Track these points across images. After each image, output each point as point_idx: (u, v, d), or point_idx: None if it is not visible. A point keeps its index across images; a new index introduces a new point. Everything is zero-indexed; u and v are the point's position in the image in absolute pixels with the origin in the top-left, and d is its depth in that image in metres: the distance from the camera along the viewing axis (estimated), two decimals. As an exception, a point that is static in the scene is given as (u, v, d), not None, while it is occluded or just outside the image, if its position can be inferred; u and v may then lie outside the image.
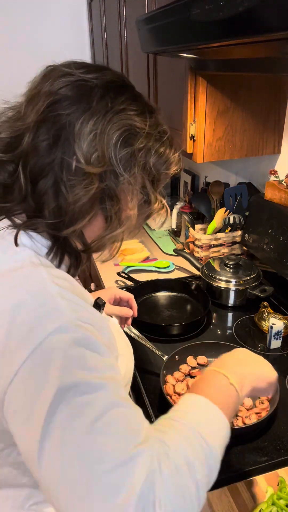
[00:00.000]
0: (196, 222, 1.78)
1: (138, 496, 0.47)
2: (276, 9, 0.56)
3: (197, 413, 0.61)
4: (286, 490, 0.77)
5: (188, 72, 1.27)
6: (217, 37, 0.74)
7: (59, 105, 0.60)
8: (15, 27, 2.70)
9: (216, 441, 0.58)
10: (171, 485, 0.49)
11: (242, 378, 0.69)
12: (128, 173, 0.62)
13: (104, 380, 0.53)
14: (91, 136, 0.59)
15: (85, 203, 0.59)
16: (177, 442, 0.54)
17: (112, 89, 0.62)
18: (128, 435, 0.51)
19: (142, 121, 0.62)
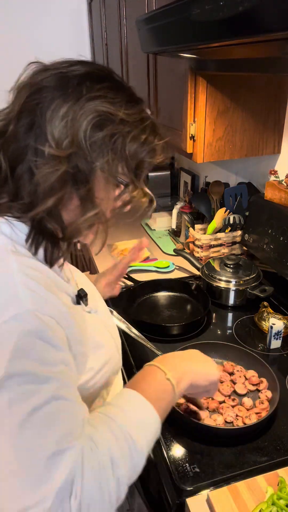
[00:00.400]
0: (196, 222, 1.78)
1: (58, 488, 0.52)
2: (276, 9, 0.56)
3: (129, 410, 0.64)
4: (286, 490, 0.77)
5: (188, 72, 1.27)
6: (217, 37, 0.74)
7: (38, 95, 0.62)
8: (15, 27, 2.70)
9: (144, 438, 0.62)
10: (90, 480, 0.54)
11: (180, 373, 0.73)
12: (101, 158, 0.63)
13: (51, 374, 0.56)
14: (63, 122, 0.61)
15: (53, 183, 0.61)
16: (105, 440, 0.58)
17: (89, 79, 0.64)
18: (63, 430, 0.55)
19: (116, 108, 0.63)
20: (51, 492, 0.52)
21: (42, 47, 2.72)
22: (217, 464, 0.85)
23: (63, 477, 0.53)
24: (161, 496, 0.83)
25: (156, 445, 0.90)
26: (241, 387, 1.02)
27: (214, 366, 0.81)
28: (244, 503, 0.76)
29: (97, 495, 0.55)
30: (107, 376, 0.76)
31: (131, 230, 2.16)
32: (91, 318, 0.77)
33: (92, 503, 0.54)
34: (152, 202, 0.76)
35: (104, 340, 0.77)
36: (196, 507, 0.77)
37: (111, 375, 0.79)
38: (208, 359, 0.82)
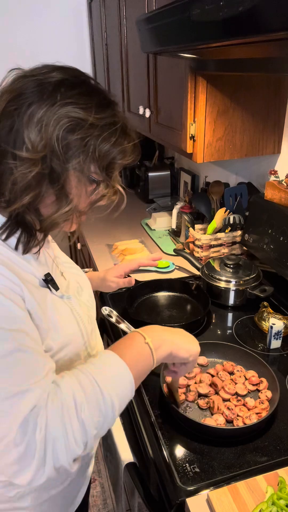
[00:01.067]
0: (196, 222, 1.78)
1: (21, 421, 0.60)
2: (276, 9, 0.56)
3: (101, 364, 0.71)
4: (286, 490, 0.77)
5: (188, 72, 1.27)
6: (217, 37, 0.74)
7: (16, 100, 0.68)
8: (15, 27, 2.70)
9: (112, 390, 0.67)
10: (54, 417, 0.62)
11: (160, 341, 0.78)
12: (74, 160, 0.69)
13: (4, 331, 0.63)
14: (38, 126, 0.66)
15: (29, 182, 0.67)
16: (69, 385, 0.66)
17: (64, 85, 0.69)
18: (23, 375, 0.63)
19: (87, 114, 0.68)
20: (14, 425, 0.60)
21: (42, 47, 2.74)
22: (217, 464, 0.85)
23: (26, 412, 0.60)
24: (161, 496, 0.83)
25: (156, 445, 0.90)
26: (242, 387, 1.02)
27: (195, 342, 0.85)
28: (244, 503, 0.76)
29: (61, 433, 0.62)
30: (67, 358, 0.80)
31: (131, 230, 2.16)
32: (59, 302, 0.81)
33: (56, 439, 0.61)
34: (123, 199, 0.81)
35: (66, 324, 0.81)
36: (196, 507, 0.77)
37: (75, 359, 0.82)
38: (190, 335, 0.86)
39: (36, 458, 0.60)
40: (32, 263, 0.77)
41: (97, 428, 0.66)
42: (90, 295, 0.97)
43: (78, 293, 0.90)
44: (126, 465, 0.94)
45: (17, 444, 0.60)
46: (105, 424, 0.67)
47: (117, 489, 1.11)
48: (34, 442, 0.60)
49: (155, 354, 0.76)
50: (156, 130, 1.70)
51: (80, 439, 0.63)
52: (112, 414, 0.68)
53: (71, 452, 0.63)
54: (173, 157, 2.65)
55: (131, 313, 1.35)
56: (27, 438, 0.60)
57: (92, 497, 1.88)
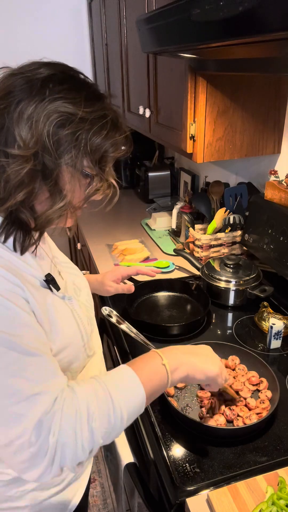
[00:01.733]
0: (196, 222, 1.78)
1: (36, 423, 0.62)
2: (276, 9, 0.56)
3: (117, 378, 0.73)
4: (286, 490, 0.77)
5: (188, 72, 1.27)
6: (217, 37, 0.74)
7: (6, 98, 0.67)
8: (15, 26, 2.70)
9: (123, 404, 0.69)
10: (67, 423, 0.63)
11: (177, 363, 0.79)
12: (66, 155, 0.68)
13: (14, 337, 0.64)
14: (29, 123, 0.66)
15: (22, 179, 0.67)
16: (86, 393, 0.67)
17: (52, 81, 0.68)
18: (37, 378, 0.64)
19: (76, 108, 0.68)
20: (29, 426, 0.61)
21: (42, 47, 2.73)
22: (217, 464, 0.85)
23: (40, 415, 0.62)
24: (161, 496, 0.83)
25: (156, 445, 0.90)
26: (245, 390, 1.01)
27: (215, 362, 0.85)
28: (244, 503, 0.76)
29: (72, 439, 0.64)
30: (67, 360, 0.80)
31: (131, 230, 2.16)
32: (60, 303, 0.81)
33: (66, 445, 0.63)
34: (116, 193, 0.81)
35: (67, 326, 0.80)
36: (196, 507, 0.77)
37: (74, 361, 0.83)
38: (214, 356, 0.86)
39: (46, 459, 0.63)
40: (32, 264, 0.76)
41: (103, 438, 0.67)
42: (88, 295, 0.97)
43: (76, 294, 0.90)
44: (126, 465, 0.94)
45: (31, 445, 0.62)
46: (111, 435, 0.69)
47: (117, 489, 1.11)
48: (46, 444, 0.62)
49: (171, 376, 0.77)
50: (156, 130, 1.70)
51: (87, 446, 0.65)
52: (120, 427, 0.69)
53: (77, 457, 0.65)
54: (173, 157, 2.65)
55: (131, 313, 1.35)
56: (41, 441, 0.62)
57: (92, 497, 1.88)
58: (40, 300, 0.73)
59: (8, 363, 0.63)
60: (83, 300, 0.91)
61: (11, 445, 0.62)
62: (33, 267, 0.76)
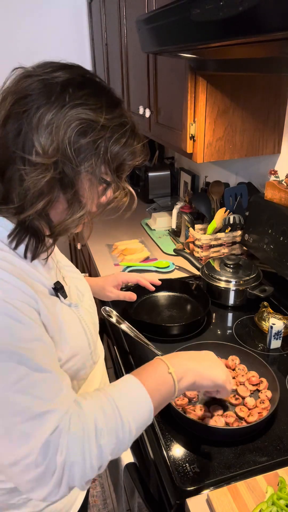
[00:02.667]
0: (196, 222, 1.78)
1: (43, 443, 0.60)
2: (276, 9, 0.56)
3: (123, 390, 0.70)
4: (286, 490, 0.77)
5: (188, 72, 1.27)
6: (217, 37, 0.74)
7: (22, 102, 0.65)
8: (15, 26, 2.69)
9: (131, 417, 0.67)
10: (75, 442, 0.62)
11: (184, 371, 0.77)
12: (86, 163, 0.67)
13: (25, 351, 0.62)
14: (48, 129, 0.64)
15: (42, 188, 0.65)
16: (92, 408, 0.65)
17: (72, 85, 0.67)
18: (44, 396, 0.62)
19: (98, 115, 0.66)
20: (36, 446, 0.60)
21: (42, 47, 2.73)
22: (217, 464, 0.85)
23: (47, 434, 0.60)
24: (161, 496, 0.83)
25: (156, 445, 0.90)
26: (244, 389, 1.01)
27: (220, 369, 0.83)
28: (244, 503, 0.76)
29: (80, 457, 0.62)
30: (75, 369, 0.80)
31: (131, 230, 2.16)
32: (67, 311, 0.80)
33: (75, 463, 0.61)
34: (133, 199, 0.80)
35: (75, 334, 0.80)
36: (196, 507, 0.77)
37: (81, 369, 0.82)
38: (216, 361, 0.85)
39: (54, 479, 0.61)
40: (41, 271, 0.75)
41: (112, 454, 0.66)
42: (91, 299, 0.95)
43: (79, 299, 0.89)
44: (126, 465, 0.94)
45: (38, 465, 0.60)
46: (120, 449, 0.67)
47: (117, 489, 1.11)
48: (54, 464, 0.61)
49: (178, 385, 0.75)
50: (156, 130, 1.70)
51: (95, 464, 0.64)
52: (128, 441, 0.67)
53: (86, 476, 0.63)
54: (173, 157, 2.65)
55: (131, 313, 1.35)
56: (48, 461, 0.60)
57: (92, 497, 1.88)
58: (51, 309, 0.72)
59: (17, 379, 0.61)
60: (86, 305, 0.90)
61: (18, 464, 0.61)
62: (42, 275, 0.75)
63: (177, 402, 0.97)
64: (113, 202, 0.76)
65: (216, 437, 0.91)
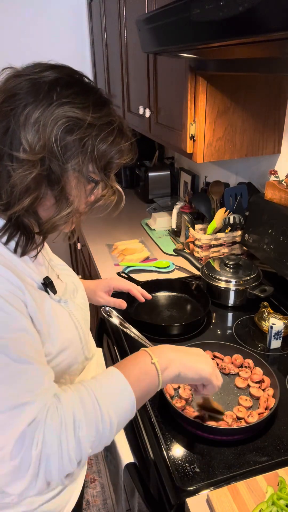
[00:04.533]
0: (196, 222, 1.78)
1: (19, 435, 0.59)
2: (276, 9, 0.56)
3: (104, 381, 0.70)
4: (286, 490, 0.77)
5: (188, 72, 1.27)
6: (217, 37, 0.74)
7: (11, 100, 0.66)
8: (15, 27, 2.69)
9: (112, 410, 0.66)
10: (51, 434, 0.61)
11: (168, 361, 0.76)
12: (73, 160, 0.68)
13: (8, 341, 0.62)
14: (36, 127, 0.65)
15: (28, 184, 0.66)
16: (71, 401, 0.65)
17: (59, 85, 0.68)
18: (24, 387, 0.62)
19: (85, 113, 0.67)
20: (12, 438, 0.59)
21: (41, 47, 2.73)
22: (217, 464, 0.85)
23: (24, 426, 0.60)
24: (161, 496, 0.83)
25: (156, 445, 0.90)
26: (240, 380, 1.02)
27: (207, 363, 0.82)
28: (244, 503, 0.76)
29: (56, 450, 0.61)
30: (66, 363, 0.80)
31: (131, 230, 2.16)
32: (57, 306, 0.80)
33: (51, 456, 0.61)
34: (121, 198, 0.80)
35: (65, 328, 0.80)
36: (196, 507, 0.77)
37: (72, 364, 0.82)
38: (203, 355, 0.83)
39: (30, 472, 0.60)
40: (31, 265, 0.76)
41: (92, 447, 0.65)
42: (83, 297, 0.96)
43: (73, 295, 0.89)
44: (126, 465, 0.94)
45: (13, 458, 0.60)
46: (101, 443, 0.67)
47: (117, 489, 1.11)
48: (29, 457, 0.60)
49: (162, 376, 0.74)
50: (156, 130, 1.70)
51: (74, 457, 0.63)
52: (109, 434, 0.67)
53: (64, 469, 0.63)
54: (173, 157, 2.65)
55: (131, 313, 1.35)
56: (23, 453, 0.60)
57: (92, 497, 1.88)
58: (38, 302, 0.73)
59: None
60: (78, 302, 0.90)
61: None
62: (32, 269, 0.76)
63: (177, 405, 0.97)
64: (100, 201, 0.77)
65: (216, 437, 0.90)
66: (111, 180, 0.75)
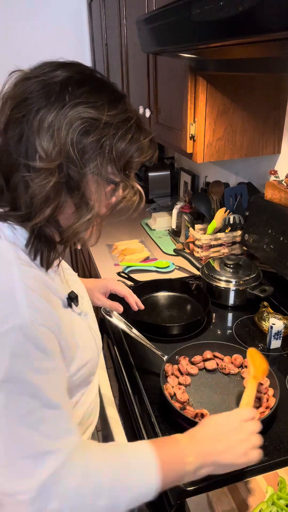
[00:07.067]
0: (196, 222, 1.78)
1: (40, 486, 0.58)
2: (276, 9, 0.56)
3: (134, 467, 0.66)
4: (286, 490, 0.77)
5: (188, 72, 1.27)
6: (217, 37, 0.74)
7: (22, 105, 0.63)
8: (15, 27, 2.70)
9: (129, 498, 0.65)
10: (70, 496, 0.60)
11: (202, 461, 0.70)
12: (91, 163, 0.65)
13: (43, 382, 0.60)
14: (50, 132, 0.62)
15: (48, 193, 0.63)
16: (97, 468, 0.63)
17: (71, 84, 0.64)
18: (51, 434, 0.60)
19: (100, 112, 0.64)
20: (33, 486, 0.58)
21: (41, 47, 2.73)
22: (217, 464, 0.85)
23: (45, 477, 0.58)
24: (161, 496, 0.83)
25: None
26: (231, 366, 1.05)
27: (244, 453, 0.72)
28: (244, 503, 0.76)
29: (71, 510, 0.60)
30: (84, 377, 0.78)
31: (131, 230, 2.16)
32: (79, 320, 0.78)
33: None
34: (142, 198, 0.77)
35: (87, 343, 0.79)
36: (196, 507, 0.77)
37: (88, 376, 0.81)
38: (243, 438, 0.72)
39: None
40: (57, 281, 0.74)
41: None
42: (89, 301, 0.94)
43: (80, 303, 0.86)
44: (126, 465, 0.94)
45: (30, 505, 0.58)
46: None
47: (117, 489, 1.11)
48: (45, 509, 0.59)
49: (191, 476, 0.70)
50: (156, 130, 1.70)
51: None
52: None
53: None
54: (173, 157, 2.65)
55: (131, 313, 1.35)
56: (40, 505, 0.59)
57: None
58: (66, 322, 0.70)
59: (26, 412, 0.59)
60: (87, 309, 0.87)
61: (13, 497, 0.59)
62: (58, 285, 0.73)
63: (177, 405, 0.97)
64: (121, 202, 0.74)
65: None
66: (131, 180, 0.71)
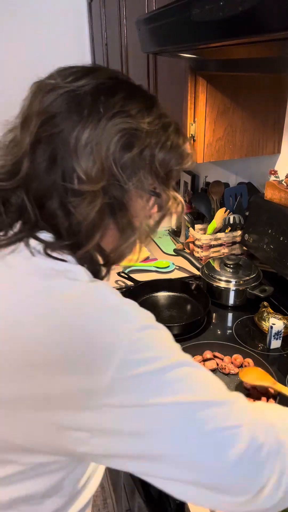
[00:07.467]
0: (196, 222, 1.78)
1: (245, 448, 0.52)
2: (276, 9, 0.56)
3: None
4: (286, 490, 0.77)
5: (188, 72, 1.27)
6: (217, 37, 0.74)
7: (51, 123, 0.57)
8: (15, 27, 2.69)
9: None
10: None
11: None
12: (134, 178, 0.59)
13: (189, 358, 0.62)
14: (88, 149, 0.56)
15: (94, 218, 0.57)
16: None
17: (102, 93, 0.58)
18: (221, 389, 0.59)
19: (139, 121, 0.58)
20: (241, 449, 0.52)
21: (41, 47, 2.73)
22: (217, 464, 0.85)
23: (245, 447, 0.52)
24: (161, 496, 0.83)
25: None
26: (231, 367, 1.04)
27: None
28: (244, 503, 0.76)
29: None
30: None
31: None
32: None
33: None
34: (183, 208, 0.72)
35: None
36: (196, 507, 0.77)
37: None
38: None
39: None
40: None
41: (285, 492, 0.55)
42: None
43: None
44: (126, 465, 0.94)
45: (278, 488, 0.53)
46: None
47: (117, 489, 1.11)
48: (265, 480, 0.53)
49: None
50: (156, 130, 1.70)
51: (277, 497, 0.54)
52: None
53: None
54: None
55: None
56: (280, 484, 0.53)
57: (92, 496, 1.87)
58: None
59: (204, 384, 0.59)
60: None
61: (260, 493, 0.53)
62: None
63: None
64: (166, 216, 0.68)
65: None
66: (172, 190, 0.66)
